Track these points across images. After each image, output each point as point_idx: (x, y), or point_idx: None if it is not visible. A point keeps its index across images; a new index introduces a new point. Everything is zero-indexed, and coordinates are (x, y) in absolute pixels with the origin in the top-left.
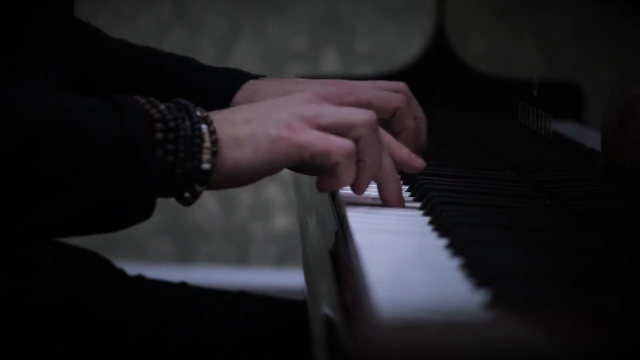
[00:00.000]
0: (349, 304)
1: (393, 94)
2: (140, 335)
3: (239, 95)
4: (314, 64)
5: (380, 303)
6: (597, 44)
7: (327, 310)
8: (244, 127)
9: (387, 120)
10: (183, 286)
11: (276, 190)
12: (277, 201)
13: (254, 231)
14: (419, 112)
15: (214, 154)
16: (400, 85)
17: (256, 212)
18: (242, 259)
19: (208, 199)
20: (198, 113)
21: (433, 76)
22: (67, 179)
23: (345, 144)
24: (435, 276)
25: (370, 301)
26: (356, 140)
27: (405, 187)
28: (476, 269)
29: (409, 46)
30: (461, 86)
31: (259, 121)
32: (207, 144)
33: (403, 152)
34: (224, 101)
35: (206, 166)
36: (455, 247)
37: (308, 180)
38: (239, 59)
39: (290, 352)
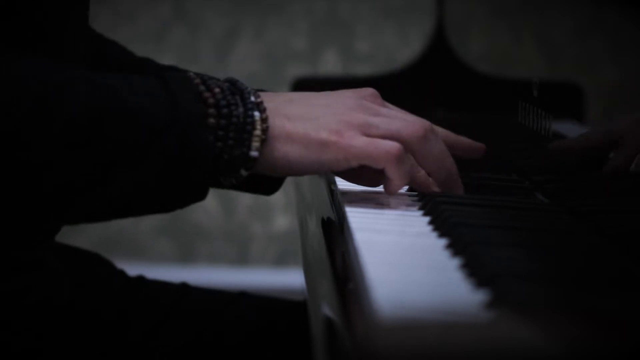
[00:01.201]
0: (349, 303)
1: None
2: (140, 336)
3: None
4: (314, 64)
5: (380, 303)
6: (597, 44)
7: (327, 310)
8: (297, 123)
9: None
10: (183, 286)
11: None
12: (277, 201)
13: (254, 231)
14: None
15: (263, 141)
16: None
17: (256, 212)
18: (242, 259)
19: (208, 199)
20: (252, 99)
21: (433, 76)
22: (120, 163)
23: (392, 148)
24: (435, 276)
25: (370, 301)
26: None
27: (405, 188)
28: (476, 269)
29: (409, 46)
30: (461, 86)
31: (311, 121)
32: (257, 131)
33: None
34: None
35: (254, 153)
36: (455, 247)
37: (308, 180)
38: (239, 59)
39: (290, 352)
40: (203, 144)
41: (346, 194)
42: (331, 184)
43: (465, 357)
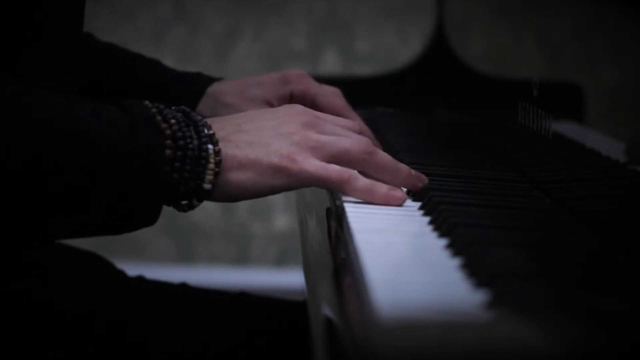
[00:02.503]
0: (349, 304)
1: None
2: (140, 336)
3: (204, 99)
4: (314, 64)
5: (380, 303)
6: (597, 44)
7: (327, 310)
8: (247, 151)
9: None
10: (183, 286)
11: None
12: (277, 201)
13: (254, 231)
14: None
15: (217, 174)
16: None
17: (256, 212)
18: (242, 259)
19: None
20: (205, 131)
21: (433, 76)
22: (78, 190)
23: (343, 173)
24: (435, 276)
25: (370, 301)
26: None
27: (405, 188)
28: (476, 269)
29: (409, 46)
30: (461, 86)
31: (262, 148)
32: (211, 165)
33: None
34: (191, 106)
35: (207, 186)
36: (455, 247)
37: None
38: (239, 59)
39: (290, 352)
40: (160, 175)
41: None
42: None
43: (465, 357)
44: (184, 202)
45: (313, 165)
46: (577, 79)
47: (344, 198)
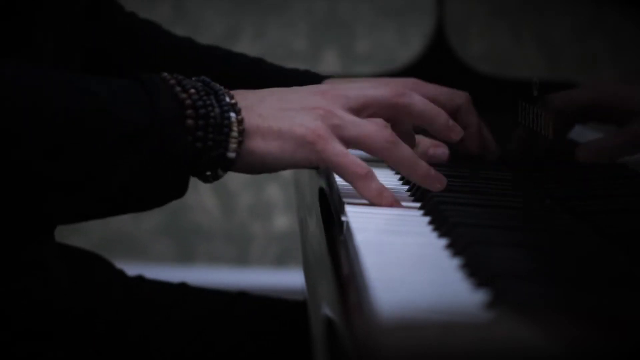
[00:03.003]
0: (349, 304)
1: (457, 91)
2: (140, 336)
3: None
4: (314, 64)
5: (380, 303)
6: (597, 44)
7: (327, 310)
8: (271, 122)
9: (453, 116)
10: (183, 286)
11: (276, 190)
12: (277, 201)
13: (254, 231)
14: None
15: (240, 143)
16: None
17: (256, 212)
18: (242, 259)
19: (208, 199)
20: (227, 99)
21: (433, 76)
22: (96, 166)
23: (361, 169)
24: (435, 276)
25: (370, 301)
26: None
27: (405, 187)
28: (476, 269)
29: (409, 46)
30: (461, 86)
31: (286, 119)
32: (234, 133)
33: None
34: None
35: (232, 155)
36: (455, 247)
37: (308, 180)
38: None
39: (290, 352)
40: (182, 145)
41: (346, 193)
42: (332, 183)
43: (465, 357)
44: (208, 173)
45: (336, 149)
46: (577, 79)
47: (344, 198)
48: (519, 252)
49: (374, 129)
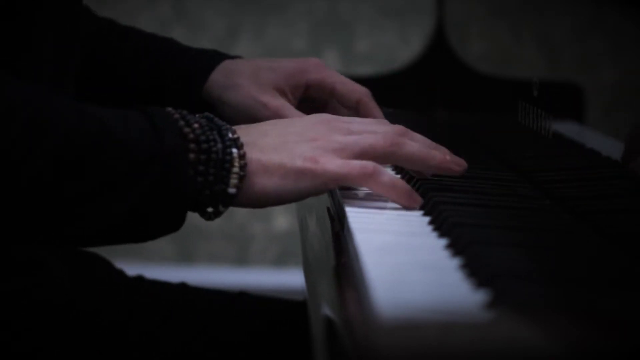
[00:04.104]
0: (349, 304)
1: (356, 84)
2: (139, 336)
3: (214, 75)
4: None
5: (380, 303)
6: (597, 44)
7: (327, 310)
8: (272, 155)
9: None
10: (183, 286)
11: None
12: None
13: (254, 231)
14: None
15: (241, 178)
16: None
17: (256, 212)
18: (242, 259)
19: None
20: (230, 135)
21: (433, 76)
22: (98, 194)
23: (366, 167)
24: (435, 276)
25: (370, 301)
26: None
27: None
28: (476, 269)
29: (409, 46)
30: (461, 86)
31: (286, 152)
32: (235, 168)
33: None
34: (200, 81)
35: (232, 190)
36: (455, 247)
37: None
38: None
39: (290, 352)
40: (184, 177)
41: (346, 194)
42: None
43: (465, 357)
44: (210, 210)
45: (335, 163)
46: (577, 79)
47: (344, 199)
48: (519, 252)
49: (374, 138)
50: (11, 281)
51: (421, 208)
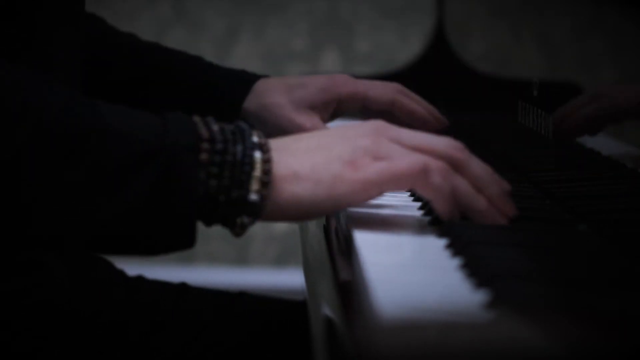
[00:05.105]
0: (349, 304)
1: (387, 84)
2: (139, 336)
3: (250, 96)
4: (314, 64)
5: (380, 303)
6: (596, 44)
7: (327, 310)
8: (304, 158)
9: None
10: (183, 287)
11: None
12: None
13: (254, 231)
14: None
15: (265, 184)
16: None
17: None
18: (242, 259)
19: None
20: (255, 139)
21: (433, 76)
22: (100, 185)
23: (416, 161)
24: (435, 276)
25: (370, 301)
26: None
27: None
28: (476, 269)
29: (409, 46)
30: (461, 86)
31: (321, 153)
32: (257, 172)
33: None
34: (237, 103)
35: (254, 197)
36: (455, 247)
37: None
38: (239, 59)
39: (290, 352)
40: (192, 179)
41: None
42: None
43: (465, 357)
44: (238, 221)
45: (376, 167)
46: (577, 79)
47: None
48: (519, 252)
49: (432, 138)
50: (11, 281)
51: (421, 208)
